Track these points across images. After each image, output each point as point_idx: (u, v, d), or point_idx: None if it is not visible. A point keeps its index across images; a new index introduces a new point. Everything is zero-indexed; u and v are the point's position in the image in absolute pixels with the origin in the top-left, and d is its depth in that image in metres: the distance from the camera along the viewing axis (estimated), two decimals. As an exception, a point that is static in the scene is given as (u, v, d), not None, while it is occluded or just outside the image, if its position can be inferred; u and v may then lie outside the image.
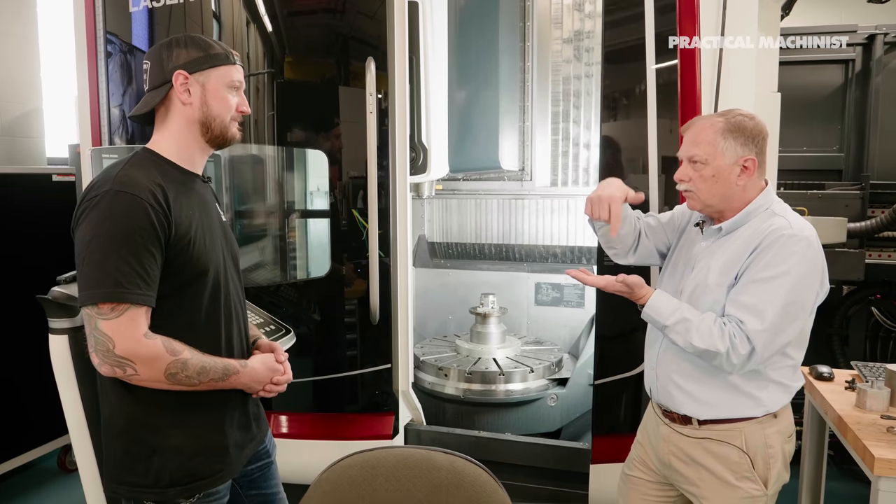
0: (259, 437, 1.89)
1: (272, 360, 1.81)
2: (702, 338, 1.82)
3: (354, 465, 1.48)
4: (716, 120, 1.91)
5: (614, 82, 2.73)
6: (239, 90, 1.74)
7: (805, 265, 1.82)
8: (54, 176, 3.90)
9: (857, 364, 2.75)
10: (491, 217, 4.17)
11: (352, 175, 2.90)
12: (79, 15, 3.13)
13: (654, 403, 2.13)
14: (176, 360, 1.56)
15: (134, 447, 1.64)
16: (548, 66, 3.92)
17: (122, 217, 1.50)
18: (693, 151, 1.91)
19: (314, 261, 3.05)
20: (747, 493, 1.92)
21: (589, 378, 3.44)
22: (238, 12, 3.01)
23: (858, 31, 4.21)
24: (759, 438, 1.92)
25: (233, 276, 1.81)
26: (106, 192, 1.52)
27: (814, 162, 4.31)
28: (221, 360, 1.66)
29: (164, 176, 1.62)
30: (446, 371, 3.40)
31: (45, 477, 4.00)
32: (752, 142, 1.88)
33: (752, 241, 1.87)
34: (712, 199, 1.92)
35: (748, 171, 1.88)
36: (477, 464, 1.48)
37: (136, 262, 1.50)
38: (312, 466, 2.93)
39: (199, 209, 1.70)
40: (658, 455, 2.09)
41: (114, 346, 1.50)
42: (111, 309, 1.49)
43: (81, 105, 3.19)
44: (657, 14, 2.59)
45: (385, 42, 2.81)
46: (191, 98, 1.66)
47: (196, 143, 1.71)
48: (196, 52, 1.67)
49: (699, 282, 1.94)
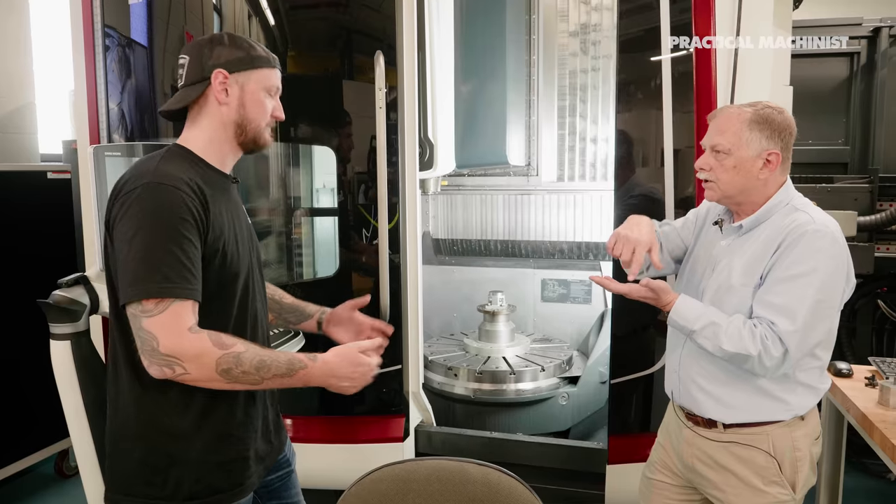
0: (279, 447, 1.83)
1: (355, 353, 1.66)
2: (732, 341, 1.77)
3: (384, 479, 1.42)
4: (744, 110, 1.85)
5: (630, 72, 2.68)
6: (276, 95, 1.69)
7: (832, 261, 1.77)
8: (49, 173, 3.80)
9: (875, 360, 2.72)
10: (497, 213, 4.12)
11: (360, 171, 2.84)
12: (75, 8, 3.03)
13: (676, 406, 2.08)
14: (226, 354, 1.46)
15: (151, 457, 1.56)
16: (554, 60, 3.88)
17: (165, 208, 1.45)
18: (717, 140, 1.86)
19: (322, 259, 2.98)
20: (775, 497, 1.88)
21: (600, 376, 3.40)
22: (239, 5, 2.93)
23: (864, 24, 4.19)
24: (787, 442, 1.87)
25: (258, 284, 1.74)
26: (147, 185, 1.46)
27: (819, 155, 4.29)
28: (285, 355, 1.56)
29: (197, 173, 1.57)
30: (456, 371, 3.35)
31: (43, 482, 3.91)
32: (778, 135, 1.82)
33: (774, 237, 1.82)
34: (731, 190, 1.87)
35: (771, 165, 1.83)
36: (512, 475, 1.42)
37: (183, 254, 1.44)
38: (323, 471, 2.91)
39: (230, 211, 1.65)
40: (681, 458, 2.04)
41: (158, 345, 1.42)
42: (155, 305, 1.42)
43: (78, 101, 3.10)
44: (672, 4, 2.54)
45: (392, 35, 2.74)
46: (228, 98, 1.61)
47: (228, 144, 1.66)
48: (238, 52, 1.61)
49: (722, 282, 1.89)
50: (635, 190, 2.71)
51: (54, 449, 3.86)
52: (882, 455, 2.16)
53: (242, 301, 1.64)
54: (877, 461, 3.58)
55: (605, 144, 3.83)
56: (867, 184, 3.89)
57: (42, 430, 3.77)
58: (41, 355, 2.16)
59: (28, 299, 3.57)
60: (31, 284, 3.42)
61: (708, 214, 2.08)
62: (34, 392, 3.67)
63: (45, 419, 3.71)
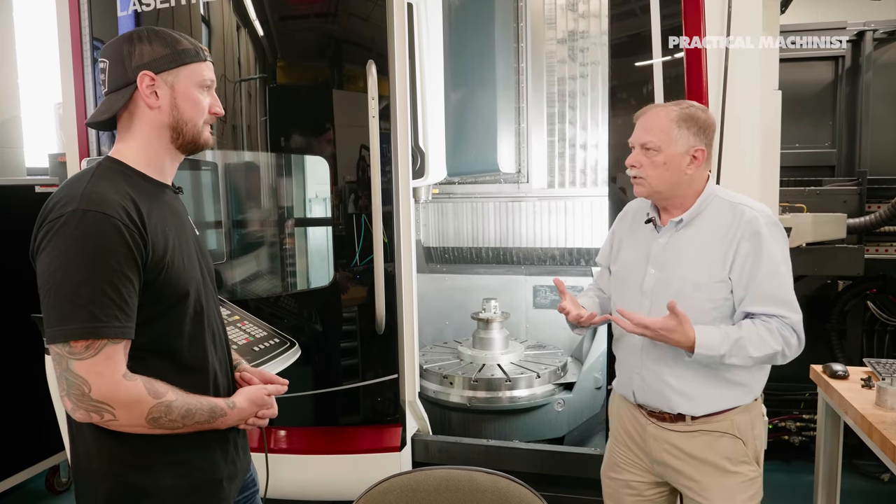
0: (245, 467, 1.75)
1: (261, 394, 1.64)
2: (758, 348, 1.85)
3: (394, 490, 1.40)
4: (670, 109, 1.95)
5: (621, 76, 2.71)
6: (211, 89, 1.57)
7: (786, 246, 1.93)
8: (37, 187, 3.77)
9: (870, 361, 2.74)
10: (487, 220, 4.11)
11: (352, 181, 2.83)
12: (63, 21, 3.01)
13: (634, 406, 2.11)
14: (159, 404, 1.40)
15: (119, 491, 1.47)
16: (542, 67, 3.88)
17: (93, 239, 1.34)
18: (647, 138, 1.95)
19: (316, 270, 2.97)
20: (745, 475, 1.98)
21: (595, 382, 3.40)
22: (228, 16, 2.92)
23: (848, 28, 4.24)
24: (746, 421, 1.98)
25: (211, 295, 1.66)
26: (73, 212, 1.34)
27: (806, 158, 4.34)
28: (207, 401, 1.51)
29: (134, 188, 1.45)
30: (451, 379, 3.33)
31: (34, 499, 3.88)
32: (703, 133, 1.93)
33: (725, 234, 1.91)
34: (661, 185, 1.96)
35: (697, 161, 1.94)
36: (521, 483, 1.42)
37: (112, 291, 1.34)
38: (320, 481, 2.89)
39: (174, 224, 1.54)
40: (649, 454, 2.09)
41: (90, 390, 1.34)
42: (86, 347, 1.33)
43: (67, 114, 3.08)
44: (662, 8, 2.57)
45: (381, 45, 2.74)
46: (158, 101, 1.49)
47: (166, 151, 1.55)
48: (162, 49, 1.49)
49: (683, 278, 1.94)
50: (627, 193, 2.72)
51: (46, 465, 3.82)
52: (882, 456, 2.17)
53: (197, 317, 1.55)
54: (869, 462, 3.61)
55: (595, 150, 3.83)
56: (855, 186, 3.93)
57: (33, 446, 3.73)
58: (30, 371, 2.14)
59: (16, 315, 3.55)
60: (19, 300, 3.39)
61: (634, 218, 2.16)
62: (25, 408, 3.63)
63: (37, 435, 3.66)
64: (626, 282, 2.10)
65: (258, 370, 1.81)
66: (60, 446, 3.68)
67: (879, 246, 4.01)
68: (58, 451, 3.81)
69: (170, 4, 2.84)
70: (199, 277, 1.58)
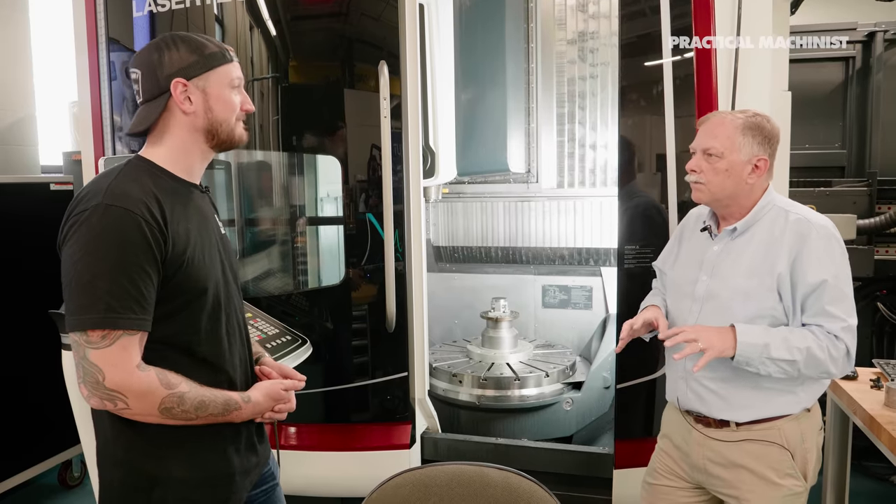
0: (263, 460, 1.78)
1: (277, 389, 1.68)
2: (801, 341, 1.83)
3: (406, 485, 1.43)
4: (736, 116, 1.94)
5: (632, 76, 2.71)
6: (240, 88, 1.62)
7: (842, 257, 1.88)
8: (52, 185, 3.81)
9: (879, 362, 2.74)
10: (497, 220, 4.13)
11: (364, 180, 2.85)
12: (79, 20, 3.04)
13: (681, 411, 2.10)
14: (171, 395, 1.45)
15: (133, 478, 1.52)
16: (552, 68, 3.90)
17: (114, 233, 1.39)
18: (710, 143, 1.93)
19: (327, 268, 2.99)
20: (790, 489, 1.93)
21: (604, 381, 3.41)
22: (241, 16, 2.94)
23: (858, 29, 4.23)
24: (797, 433, 1.93)
25: (233, 292, 1.70)
26: (96, 206, 1.40)
27: (816, 159, 4.33)
28: (222, 394, 1.55)
29: (159, 187, 1.51)
30: (460, 377, 3.35)
31: (47, 494, 3.91)
32: (767, 142, 1.91)
33: (778, 240, 1.88)
34: (721, 193, 1.94)
35: (759, 171, 1.91)
36: (531, 479, 1.44)
37: (130, 284, 1.39)
38: (329, 478, 2.91)
39: (198, 222, 1.59)
40: (691, 462, 2.06)
41: (104, 378, 1.39)
42: (102, 337, 1.38)
43: (82, 112, 3.11)
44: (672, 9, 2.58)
45: (394, 44, 2.76)
46: (193, 106, 1.54)
47: (198, 152, 1.61)
48: (190, 55, 1.54)
49: (733, 287, 1.93)
50: (638, 194, 2.73)
51: (58, 459, 3.86)
52: (891, 457, 2.17)
53: (213, 313, 1.59)
54: (878, 463, 3.60)
55: (605, 151, 3.85)
56: (865, 187, 3.93)
57: (45, 440, 3.77)
58: (43, 368, 2.17)
59: (31, 312, 3.59)
60: (35, 296, 3.43)
61: (697, 223, 2.13)
62: (37, 403, 3.67)
63: (49, 430, 3.70)
64: (679, 287, 2.09)
65: (278, 364, 1.83)
66: (73, 441, 3.72)
67: (889, 247, 4.00)
68: (70, 445, 3.84)
69: (185, 5, 2.88)
70: (219, 275, 1.62)
